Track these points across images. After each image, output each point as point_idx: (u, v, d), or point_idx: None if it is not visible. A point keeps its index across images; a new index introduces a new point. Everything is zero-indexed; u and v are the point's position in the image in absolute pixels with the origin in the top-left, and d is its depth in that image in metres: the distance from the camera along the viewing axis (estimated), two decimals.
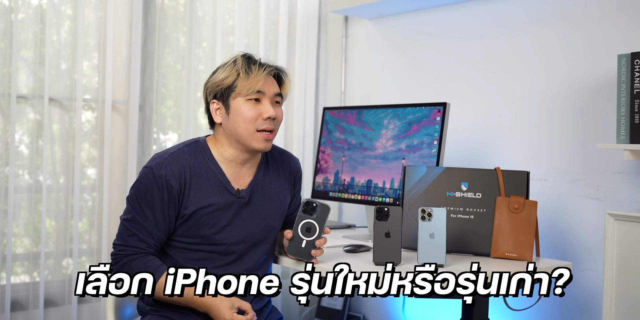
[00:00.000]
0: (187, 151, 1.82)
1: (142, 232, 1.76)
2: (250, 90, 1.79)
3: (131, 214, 1.77)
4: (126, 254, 1.76)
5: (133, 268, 1.75)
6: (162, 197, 1.75)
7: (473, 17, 2.69)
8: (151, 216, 1.75)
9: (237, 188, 1.84)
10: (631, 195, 2.18)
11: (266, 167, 1.92)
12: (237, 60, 1.83)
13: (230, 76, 1.81)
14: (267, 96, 1.82)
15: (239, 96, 1.80)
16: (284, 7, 3.10)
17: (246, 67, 1.81)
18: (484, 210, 2.00)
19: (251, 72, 1.80)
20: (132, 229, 1.76)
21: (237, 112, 1.80)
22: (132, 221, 1.77)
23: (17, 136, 2.55)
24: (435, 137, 2.22)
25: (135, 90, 2.73)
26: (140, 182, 1.77)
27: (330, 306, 3.06)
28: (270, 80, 1.84)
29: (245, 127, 1.80)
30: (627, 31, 2.20)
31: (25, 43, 2.54)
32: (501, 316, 2.45)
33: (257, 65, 1.82)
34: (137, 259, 1.75)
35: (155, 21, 2.80)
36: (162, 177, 1.75)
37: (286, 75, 1.90)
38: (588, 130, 2.30)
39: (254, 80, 1.79)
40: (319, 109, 3.22)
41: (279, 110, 1.86)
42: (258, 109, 1.80)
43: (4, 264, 2.49)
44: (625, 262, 1.91)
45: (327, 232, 1.80)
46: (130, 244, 1.76)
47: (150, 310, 1.84)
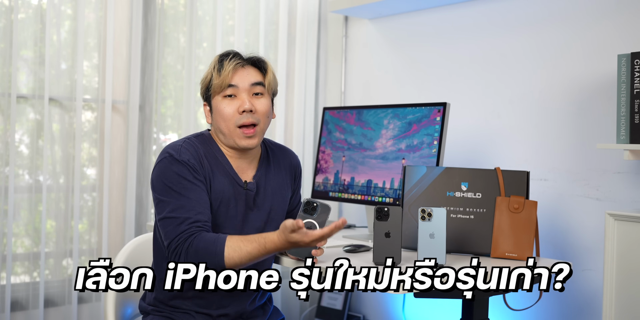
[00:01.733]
0: (196, 141, 1.82)
1: (191, 213, 1.67)
2: (222, 86, 1.78)
3: (169, 206, 1.69)
4: (182, 240, 1.65)
5: (196, 248, 1.63)
6: (195, 177, 1.71)
7: (473, 17, 2.69)
8: (193, 196, 1.69)
9: (245, 180, 1.85)
10: (631, 195, 2.18)
11: (267, 162, 1.92)
12: (213, 60, 1.83)
13: (207, 76, 1.82)
14: (242, 89, 1.79)
15: (216, 95, 1.80)
16: (284, 7, 3.10)
17: (218, 65, 1.80)
18: (484, 210, 2.00)
19: (222, 68, 1.78)
20: (178, 217, 1.67)
21: (217, 110, 1.80)
22: (175, 210, 1.68)
23: (17, 136, 2.55)
24: (435, 137, 2.22)
25: (135, 90, 2.73)
26: (166, 170, 1.72)
27: (330, 306, 3.06)
28: (245, 72, 1.81)
29: (225, 125, 1.79)
30: (626, 31, 2.20)
31: (25, 43, 2.54)
32: (501, 316, 2.45)
33: (229, 61, 1.79)
34: (195, 238, 1.65)
35: (155, 21, 2.80)
36: (185, 161, 1.73)
37: (265, 63, 1.85)
38: (588, 130, 2.30)
39: (224, 75, 1.77)
40: (319, 109, 3.22)
41: (260, 102, 1.81)
42: (235, 104, 1.79)
43: (4, 264, 2.49)
44: (625, 262, 1.91)
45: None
46: (183, 230, 1.66)
47: (152, 310, 1.84)
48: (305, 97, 3.17)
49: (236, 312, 1.84)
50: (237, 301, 1.85)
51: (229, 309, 1.84)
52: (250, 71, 1.82)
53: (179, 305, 1.81)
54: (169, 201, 1.69)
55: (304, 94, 3.16)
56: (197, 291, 1.80)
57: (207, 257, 1.63)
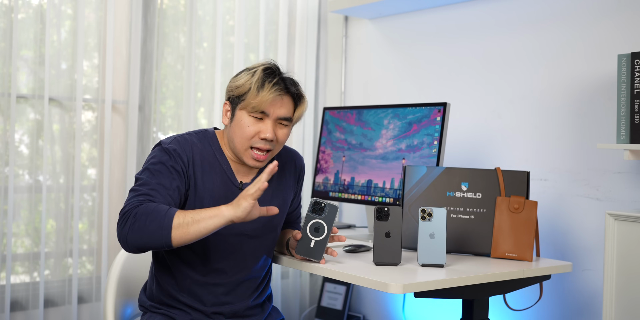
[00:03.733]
0: (195, 137, 1.82)
1: (151, 191, 1.67)
2: (255, 109, 1.75)
3: (142, 180, 1.71)
4: (133, 206, 1.63)
5: (142, 216, 1.60)
6: (173, 166, 1.72)
7: (473, 17, 2.69)
8: (163, 181, 1.70)
9: (241, 181, 1.84)
10: (631, 195, 2.18)
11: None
12: (257, 72, 1.78)
13: (244, 87, 1.77)
14: (272, 117, 1.77)
15: (244, 109, 1.78)
16: (284, 7, 3.10)
17: (259, 83, 1.75)
18: (484, 210, 2.00)
19: (262, 89, 1.74)
20: (139, 190, 1.68)
21: (238, 124, 1.78)
22: (141, 185, 1.70)
23: (17, 136, 2.55)
24: (435, 137, 2.22)
25: (135, 90, 2.73)
26: (151, 156, 1.76)
27: (330, 306, 3.06)
28: (280, 102, 1.78)
29: (240, 141, 1.78)
30: (627, 31, 2.20)
31: (25, 43, 2.54)
32: (501, 316, 2.45)
33: (272, 84, 1.75)
34: (145, 207, 1.62)
35: (155, 21, 2.80)
36: (171, 150, 1.74)
37: (303, 99, 1.83)
38: (588, 130, 2.30)
39: (262, 99, 1.74)
40: (319, 109, 3.22)
41: (282, 132, 1.81)
42: (258, 127, 1.77)
43: (4, 264, 2.49)
44: (625, 262, 1.91)
45: (335, 231, 1.80)
46: (139, 200, 1.65)
47: (150, 306, 1.84)
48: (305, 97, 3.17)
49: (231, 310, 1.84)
50: (236, 298, 1.85)
51: (229, 306, 1.84)
52: (286, 104, 1.79)
53: (176, 302, 1.81)
54: (140, 177, 1.73)
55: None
56: (193, 288, 1.80)
57: (157, 218, 1.59)
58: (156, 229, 1.59)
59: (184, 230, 1.59)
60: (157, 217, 1.60)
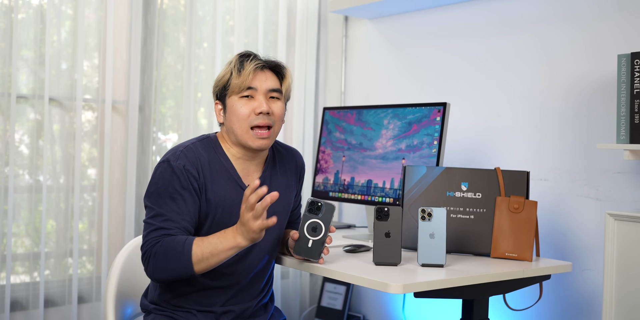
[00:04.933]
0: (199, 146, 1.81)
1: (166, 223, 1.69)
2: (241, 87, 1.79)
3: (154, 211, 1.71)
4: (152, 245, 1.67)
5: (163, 253, 1.65)
6: (183, 186, 1.72)
7: (473, 17, 2.69)
8: (175, 207, 1.71)
9: (248, 184, 1.84)
10: (631, 195, 2.18)
11: (273, 163, 1.92)
12: (233, 59, 1.84)
13: (225, 75, 1.82)
14: (260, 92, 1.80)
15: (232, 94, 1.81)
16: (284, 7, 3.10)
17: (238, 65, 1.81)
18: (484, 210, 2.00)
19: (242, 68, 1.79)
20: (153, 224, 1.70)
21: (232, 110, 1.80)
22: (154, 217, 1.71)
23: (17, 136, 2.55)
24: (435, 137, 2.22)
25: (135, 90, 2.73)
26: (159, 177, 1.74)
27: (330, 306, 3.06)
28: (264, 76, 1.82)
29: (239, 125, 1.79)
30: (627, 31, 2.20)
31: (26, 43, 2.54)
32: (501, 316, 2.45)
33: (249, 62, 1.81)
34: (163, 242, 1.66)
35: (155, 21, 2.80)
36: (180, 167, 1.73)
37: (284, 69, 1.87)
38: (588, 130, 2.30)
39: (244, 76, 1.79)
40: (319, 109, 3.22)
41: (276, 105, 1.83)
42: (251, 105, 1.79)
43: (4, 264, 2.49)
44: (625, 262, 1.91)
45: (332, 231, 1.80)
46: (154, 237, 1.68)
47: (154, 309, 1.84)
48: (305, 97, 3.17)
49: (237, 311, 1.84)
50: (240, 299, 1.85)
51: (233, 307, 1.84)
52: (269, 76, 1.83)
53: (181, 304, 1.81)
54: (152, 207, 1.73)
55: (303, 94, 3.16)
56: (200, 291, 1.80)
57: (175, 256, 1.64)
58: (178, 267, 1.65)
59: (205, 264, 1.65)
60: (174, 255, 1.65)
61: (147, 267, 1.69)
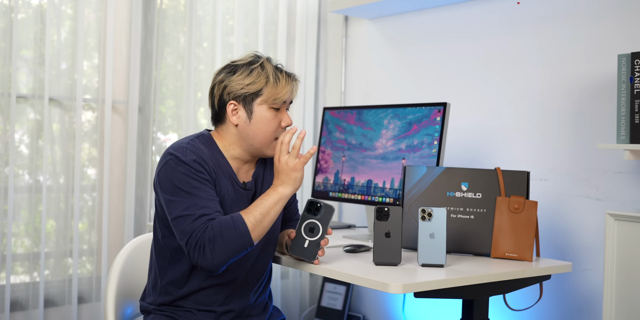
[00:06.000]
0: (199, 142, 1.81)
1: (204, 210, 1.67)
2: (278, 100, 1.80)
3: (181, 205, 1.67)
4: (203, 230, 1.64)
5: (216, 235, 1.63)
6: (200, 177, 1.71)
7: (473, 17, 2.69)
8: (203, 195, 1.69)
9: (243, 181, 1.85)
10: (631, 195, 2.18)
11: (264, 161, 1.93)
12: (265, 66, 1.80)
13: (259, 82, 1.79)
14: (285, 105, 1.85)
15: (264, 103, 1.80)
16: (284, 7, 3.10)
17: (275, 76, 1.80)
18: (484, 210, 2.00)
19: (279, 81, 1.80)
20: (192, 214, 1.66)
21: (261, 119, 1.80)
22: (188, 208, 1.67)
23: (17, 136, 2.55)
24: (435, 137, 2.22)
25: (135, 90, 2.73)
26: (173, 173, 1.71)
27: (330, 306, 3.06)
28: (293, 89, 1.86)
29: (265, 135, 1.81)
30: (627, 31, 2.20)
31: (25, 43, 2.54)
32: (501, 316, 2.45)
33: (284, 75, 1.82)
34: (211, 229, 1.64)
35: (155, 21, 2.80)
36: (191, 161, 1.71)
37: (298, 81, 1.90)
38: (588, 130, 2.30)
39: (283, 90, 1.80)
40: (319, 109, 3.22)
41: (290, 116, 1.89)
42: (278, 118, 1.83)
43: (4, 264, 2.49)
44: (625, 262, 1.91)
45: (329, 233, 1.80)
46: (199, 225, 1.64)
47: (153, 310, 1.84)
48: (305, 97, 3.17)
49: (236, 310, 1.84)
50: (239, 297, 1.85)
51: (232, 305, 1.84)
52: (296, 89, 1.87)
53: (181, 304, 1.81)
54: (180, 200, 1.68)
55: (303, 94, 3.16)
56: (199, 290, 1.80)
57: (231, 230, 1.64)
58: (237, 241, 1.65)
59: (261, 228, 1.69)
60: (230, 230, 1.65)
61: (204, 254, 1.64)
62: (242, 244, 1.65)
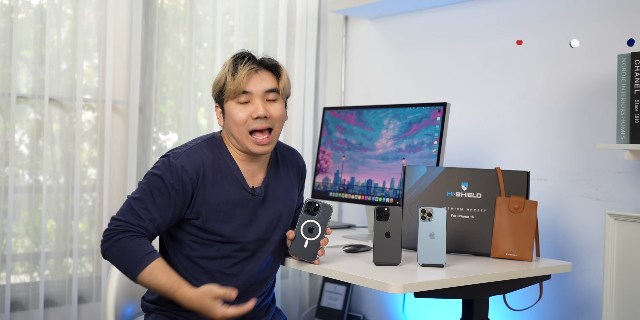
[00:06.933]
0: (205, 146, 1.80)
1: (145, 213, 1.70)
2: (236, 92, 1.76)
3: (140, 195, 1.72)
4: (122, 230, 1.69)
5: (126, 246, 1.67)
6: (172, 186, 1.72)
7: (473, 17, 2.69)
8: (159, 201, 1.71)
9: (252, 186, 1.83)
10: (631, 195, 2.18)
11: (276, 164, 1.91)
12: (227, 62, 1.80)
13: (221, 80, 1.79)
14: (257, 95, 1.77)
15: (229, 99, 1.78)
16: (284, 7, 3.10)
17: (232, 69, 1.77)
18: (484, 210, 2.00)
19: (236, 72, 1.76)
20: (136, 209, 1.71)
21: (229, 115, 1.78)
22: (139, 201, 1.71)
23: (17, 136, 2.55)
24: (435, 137, 2.22)
25: (135, 90, 2.73)
26: (156, 168, 1.75)
27: (330, 306, 3.06)
28: (259, 77, 1.78)
29: (237, 130, 1.78)
30: (627, 31, 2.20)
31: (26, 43, 2.54)
32: (501, 316, 2.45)
33: (243, 65, 1.76)
34: (132, 238, 1.68)
35: (155, 21, 2.80)
36: (177, 166, 1.72)
37: (279, 67, 1.83)
38: (588, 130, 2.31)
39: (238, 81, 1.75)
40: (319, 109, 3.23)
41: (274, 107, 1.79)
42: (248, 110, 1.77)
43: (4, 264, 2.49)
44: (625, 262, 1.91)
45: (329, 232, 1.80)
46: (129, 221, 1.69)
47: (155, 309, 1.84)
48: (305, 97, 3.17)
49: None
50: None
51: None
52: (265, 76, 1.79)
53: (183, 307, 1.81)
54: (140, 190, 1.74)
55: (303, 94, 3.16)
56: None
57: (132, 257, 1.67)
58: (125, 268, 1.68)
59: (146, 285, 1.68)
60: (131, 258, 1.67)
61: (103, 244, 1.70)
62: (126, 273, 1.69)
